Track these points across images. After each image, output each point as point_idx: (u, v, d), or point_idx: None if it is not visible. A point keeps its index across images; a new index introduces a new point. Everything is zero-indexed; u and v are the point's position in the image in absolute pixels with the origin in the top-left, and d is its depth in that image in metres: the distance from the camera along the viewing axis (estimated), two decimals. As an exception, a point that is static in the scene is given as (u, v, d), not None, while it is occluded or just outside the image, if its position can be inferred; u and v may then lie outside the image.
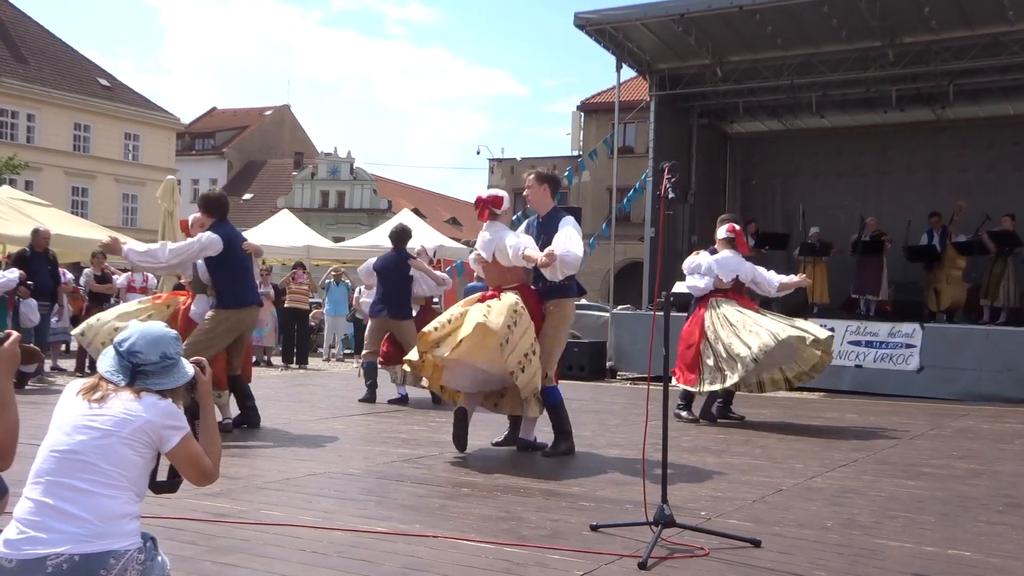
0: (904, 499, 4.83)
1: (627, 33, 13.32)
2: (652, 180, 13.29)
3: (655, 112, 14.11)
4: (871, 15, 11.82)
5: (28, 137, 37.55)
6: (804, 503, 4.65)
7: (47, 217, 14.51)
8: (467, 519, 4.13)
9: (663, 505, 3.73)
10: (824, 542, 3.85)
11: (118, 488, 2.38)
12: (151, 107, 42.58)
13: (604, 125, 33.25)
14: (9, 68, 36.99)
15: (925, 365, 11.21)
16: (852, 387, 11.54)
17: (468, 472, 5.37)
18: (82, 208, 37.18)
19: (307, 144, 55.30)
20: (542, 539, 3.76)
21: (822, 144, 16.24)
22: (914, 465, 6.00)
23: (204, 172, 51.98)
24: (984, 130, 14.90)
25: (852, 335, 11.72)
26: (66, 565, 2.26)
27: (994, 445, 7.20)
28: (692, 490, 4.88)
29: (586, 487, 4.95)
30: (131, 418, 2.42)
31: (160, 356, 2.53)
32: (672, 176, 4.18)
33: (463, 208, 53.79)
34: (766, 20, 12.42)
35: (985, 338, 11.13)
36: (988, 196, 13.55)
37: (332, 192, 47.86)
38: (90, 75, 40.73)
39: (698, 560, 3.51)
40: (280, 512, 4.15)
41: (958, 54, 12.34)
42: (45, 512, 2.32)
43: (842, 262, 14.05)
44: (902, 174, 15.47)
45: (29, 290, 9.99)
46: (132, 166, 41.32)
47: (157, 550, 2.48)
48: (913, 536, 4.01)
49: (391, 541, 3.69)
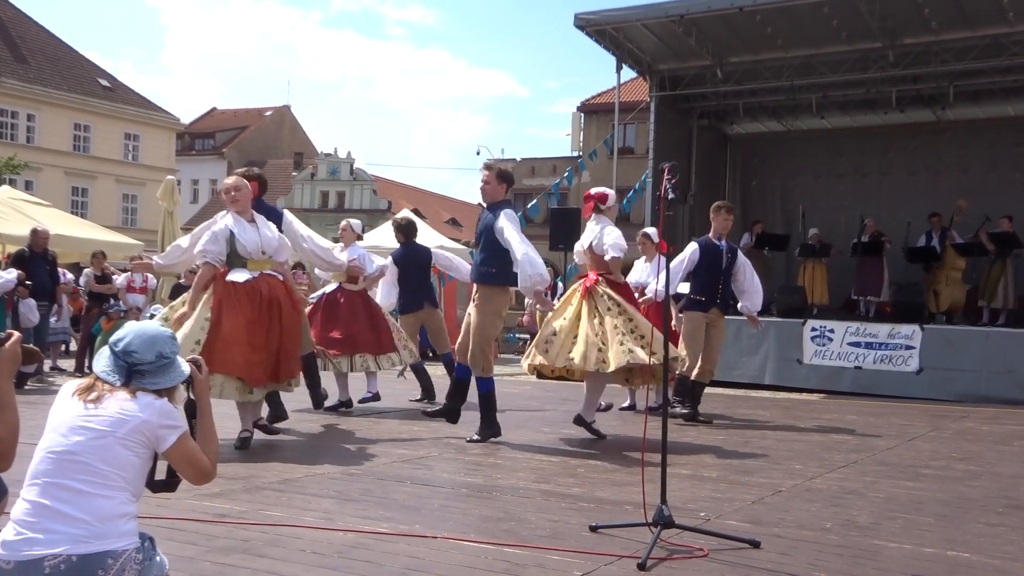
0: (903, 500, 4.82)
1: (627, 34, 13.32)
2: (652, 181, 13.30)
3: (655, 113, 14.10)
4: (871, 16, 11.81)
5: (28, 137, 37.56)
6: (803, 504, 4.65)
7: (47, 217, 14.50)
8: (467, 519, 4.13)
9: (662, 506, 3.73)
10: (823, 543, 3.85)
11: (115, 488, 2.37)
12: (151, 107, 42.59)
13: (604, 126, 33.27)
14: (9, 68, 37.00)
15: (925, 366, 11.21)
16: (852, 388, 11.54)
17: (468, 473, 5.37)
18: (82, 208, 37.18)
19: (307, 145, 55.32)
20: (541, 540, 3.76)
21: (822, 145, 16.23)
22: (913, 466, 6.00)
23: (204, 172, 52.03)
24: (984, 131, 14.89)
25: (852, 336, 11.73)
26: (64, 566, 2.25)
27: (993, 447, 7.21)
28: (691, 491, 4.88)
29: (585, 488, 4.95)
30: (127, 418, 2.41)
31: (156, 356, 2.52)
32: (672, 177, 4.18)
33: (463, 209, 53.80)
34: (766, 21, 12.42)
35: (985, 340, 11.13)
36: (988, 197, 13.53)
37: (332, 192, 47.87)
38: (90, 75, 40.74)
39: (697, 561, 3.51)
40: (280, 512, 4.15)
41: (958, 55, 12.34)
42: (42, 513, 2.31)
43: (842, 263, 14.04)
44: (902, 175, 15.46)
45: (28, 290, 9.98)
46: (132, 166, 41.33)
47: (155, 550, 2.48)
48: (912, 537, 4.00)
49: (391, 541, 3.69)
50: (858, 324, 11.97)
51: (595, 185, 8.09)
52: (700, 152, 15.33)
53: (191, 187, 50.99)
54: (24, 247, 11.02)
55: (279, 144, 54.45)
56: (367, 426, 7.53)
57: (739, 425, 8.02)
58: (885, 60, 12.68)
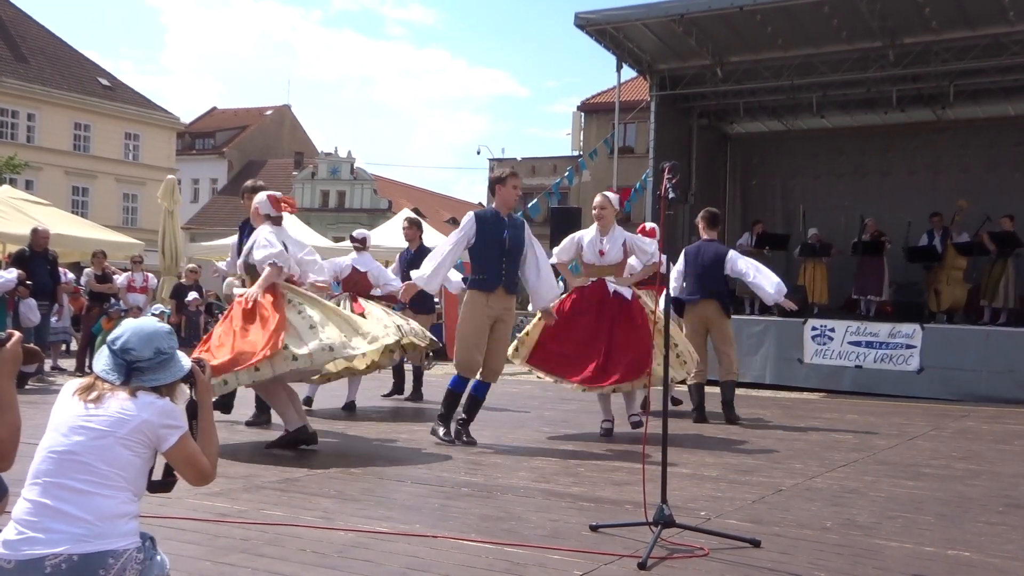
0: (904, 499, 4.82)
1: (627, 33, 13.32)
2: (652, 180, 13.29)
3: (655, 112, 14.10)
4: (872, 16, 11.81)
5: (28, 136, 37.58)
6: (804, 503, 4.65)
7: (47, 216, 14.51)
8: (467, 519, 4.13)
9: (663, 505, 3.73)
10: (824, 542, 3.85)
11: (116, 488, 2.37)
12: (151, 107, 42.61)
13: (604, 125, 33.26)
14: (9, 68, 37.01)
15: (925, 366, 11.21)
16: (852, 387, 11.54)
17: (468, 472, 5.37)
18: (82, 208, 37.18)
19: (307, 144, 55.29)
20: (542, 539, 3.76)
21: (823, 145, 16.23)
22: (914, 466, 6.00)
23: (204, 172, 52.04)
24: (985, 131, 14.89)
25: (852, 335, 11.73)
26: (65, 565, 2.25)
27: (994, 446, 7.21)
28: (692, 490, 4.88)
29: (586, 487, 4.95)
30: (127, 418, 2.41)
31: (154, 352, 2.51)
32: (672, 176, 4.17)
33: (463, 208, 53.69)
34: (767, 21, 12.42)
35: (985, 339, 11.13)
36: (989, 197, 13.53)
37: (332, 192, 47.88)
38: (90, 75, 40.75)
39: (698, 560, 3.51)
40: (280, 512, 4.15)
41: (959, 55, 12.33)
42: (43, 513, 2.31)
43: (842, 263, 14.04)
44: (902, 175, 15.45)
45: (28, 290, 9.98)
46: (132, 166, 41.34)
47: (156, 550, 2.48)
48: (913, 537, 4.00)
49: (391, 541, 3.69)
50: (859, 323, 11.97)
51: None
52: (700, 151, 15.33)
53: (191, 187, 50.97)
54: (25, 247, 11.02)
55: (279, 144, 54.43)
56: (367, 425, 7.53)
57: (740, 424, 8.02)
58: (885, 59, 12.67)
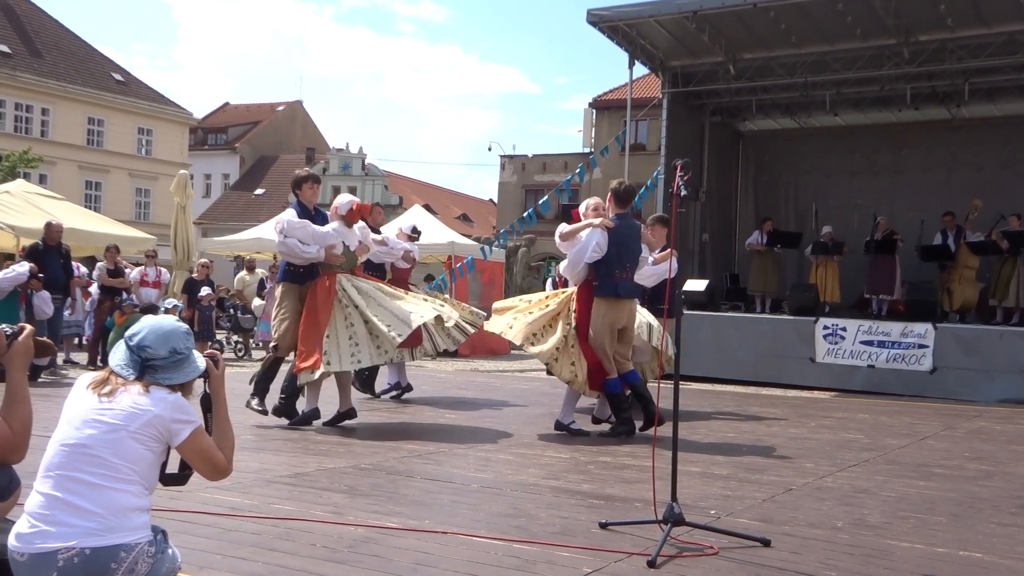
0: (915, 500, 4.80)
1: (640, 30, 13.28)
2: (664, 177, 13.26)
3: (667, 109, 14.06)
4: (886, 13, 11.75)
5: (42, 131, 37.76)
6: (814, 503, 4.64)
7: (61, 211, 14.58)
8: (477, 515, 4.13)
9: (673, 503, 3.73)
10: (834, 542, 3.84)
11: (127, 482, 2.38)
12: (164, 102, 42.75)
13: (616, 122, 33.20)
14: (24, 63, 37.20)
15: (938, 366, 11.15)
16: (864, 387, 11.49)
17: (478, 468, 5.37)
18: (95, 202, 37.36)
19: (319, 140, 55.39)
20: (551, 536, 3.76)
21: (836, 142, 16.15)
22: (926, 466, 5.97)
23: (217, 167, 52.16)
24: (1000, 129, 14.78)
25: (864, 335, 11.67)
26: (77, 559, 2.27)
27: (1007, 446, 7.16)
28: (702, 489, 4.87)
29: (595, 485, 4.95)
30: (139, 412, 2.42)
31: (169, 351, 2.52)
32: (685, 173, 4.16)
33: (474, 204, 53.81)
34: (780, 17, 12.35)
35: (999, 339, 11.06)
36: (1003, 195, 13.44)
37: (343, 188, 47.86)
38: (104, 70, 40.92)
39: (707, 559, 3.50)
40: (291, 506, 4.16)
41: (974, 52, 12.25)
42: (55, 506, 2.33)
43: (854, 261, 13.98)
44: (916, 173, 15.37)
45: (41, 283, 10.04)
46: (145, 160, 41.50)
47: (168, 543, 2.49)
48: (924, 537, 3.99)
49: (401, 536, 3.69)
50: (871, 322, 11.91)
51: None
52: (712, 149, 15.28)
53: (204, 181, 51.12)
54: (38, 240, 11.09)
55: (291, 139, 54.53)
56: (378, 421, 7.54)
57: (750, 423, 8.00)
58: (900, 57, 12.60)
